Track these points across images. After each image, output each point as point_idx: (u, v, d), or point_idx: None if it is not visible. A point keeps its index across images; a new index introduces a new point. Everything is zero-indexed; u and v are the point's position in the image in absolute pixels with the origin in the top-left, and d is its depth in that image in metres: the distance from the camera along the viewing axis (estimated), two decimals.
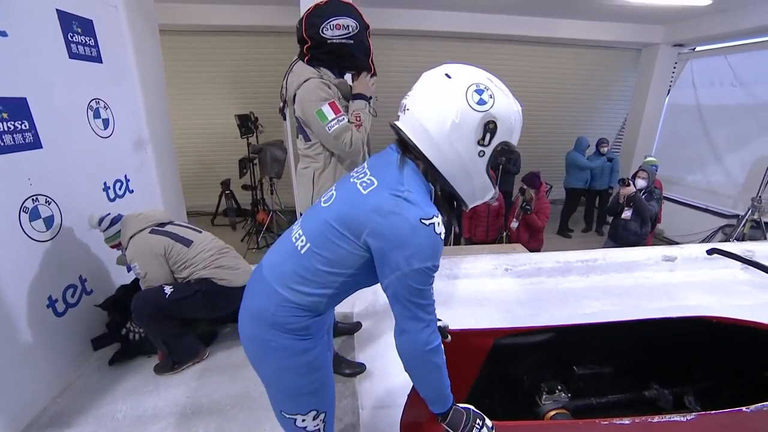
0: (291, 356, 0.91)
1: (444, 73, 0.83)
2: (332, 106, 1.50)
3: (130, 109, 2.45)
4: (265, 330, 0.90)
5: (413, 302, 0.81)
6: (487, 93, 0.80)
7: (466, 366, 1.31)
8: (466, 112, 0.79)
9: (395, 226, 0.78)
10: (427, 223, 0.77)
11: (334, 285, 0.88)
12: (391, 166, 0.86)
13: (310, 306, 0.89)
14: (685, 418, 0.93)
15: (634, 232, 3.67)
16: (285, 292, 0.88)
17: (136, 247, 1.80)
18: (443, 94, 0.80)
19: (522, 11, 5.36)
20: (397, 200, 0.79)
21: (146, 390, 1.79)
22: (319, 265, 0.86)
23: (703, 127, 5.88)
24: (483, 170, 0.86)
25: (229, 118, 5.07)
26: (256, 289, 0.95)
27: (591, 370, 1.46)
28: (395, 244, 0.78)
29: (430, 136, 0.81)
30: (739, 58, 5.40)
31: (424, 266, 0.78)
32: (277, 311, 0.88)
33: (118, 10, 2.37)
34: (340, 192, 0.91)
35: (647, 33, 5.98)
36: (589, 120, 7.28)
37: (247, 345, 0.96)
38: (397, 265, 0.78)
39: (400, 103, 0.88)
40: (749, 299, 2.66)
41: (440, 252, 0.81)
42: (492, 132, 0.81)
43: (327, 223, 0.86)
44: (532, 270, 2.96)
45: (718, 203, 5.48)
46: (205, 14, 4.97)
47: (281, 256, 0.94)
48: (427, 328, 0.84)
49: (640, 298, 2.76)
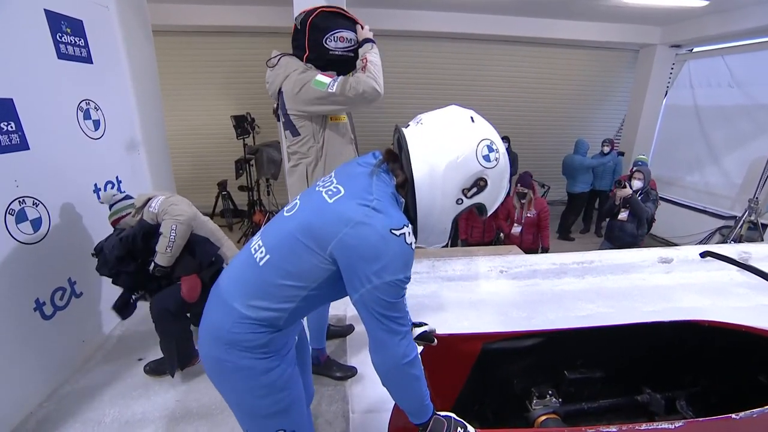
0: (250, 377, 0.85)
1: (470, 116, 0.86)
2: (326, 75, 1.51)
3: (121, 110, 2.43)
4: (221, 350, 0.84)
5: (386, 316, 0.78)
6: (496, 154, 0.82)
7: (453, 371, 1.30)
8: (470, 158, 0.80)
9: (364, 237, 0.75)
10: (398, 234, 0.75)
11: (295, 299, 0.83)
12: (361, 175, 0.84)
13: (269, 321, 0.83)
14: (673, 426, 0.91)
15: (631, 233, 3.65)
16: (241, 308, 0.83)
17: (168, 201, 1.76)
18: (461, 132, 0.82)
19: (518, 12, 5.35)
20: (366, 209, 0.76)
21: (135, 394, 1.78)
22: (280, 279, 0.81)
23: (700, 128, 5.87)
24: (451, 217, 0.86)
25: (226, 119, 5.05)
26: (213, 305, 0.89)
27: (582, 374, 1.45)
28: (364, 256, 0.75)
29: (428, 159, 0.80)
30: (736, 59, 5.40)
31: (395, 279, 0.76)
32: (233, 328, 0.82)
33: (110, 11, 2.35)
34: (304, 201, 0.88)
35: (644, 34, 5.98)
36: (588, 120, 7.27)
37: (206, 364, 0.90)
38: (368, 279, 0.75)
39: (416, 116, 0.88)
40: (745, 301, 2.64)
41: (411, 263, 0.79)
42: (479, 189, 0.83)
43: (290, 234, 0.82)
44: (527, 272, 2.95)
45: (716, 204, 5.46)
46: (201, 15, 4.96)
47: (239, 269, 0.89)
48: (403, 341, 0.81)
49: (635, 300, 2.75)
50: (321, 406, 1.65)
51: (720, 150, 5.60)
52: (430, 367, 1.26)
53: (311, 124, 1.59)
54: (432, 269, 2.88)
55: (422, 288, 2.76)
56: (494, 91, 6.71)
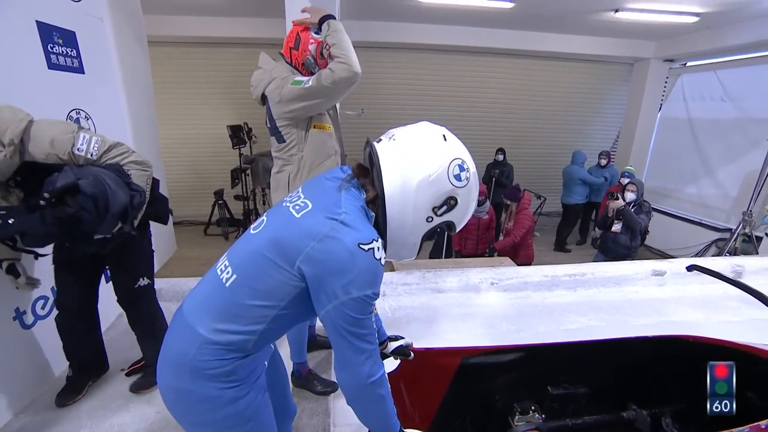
0: (215, 408, 0.80)
1: (443, 134, 0.85)
2: (303, 74, 1.56)
3: (113, 120, 2.44)
4: (184, 379, 0.79)
5: (353, 333, 0.77)
6: (466, 174, 0.83)
7: (432, 386, 1.28)
8: (442, 176, 0.80)
9: (332, 251, 0.73)
10: (366, 248, 0.74)
11: (264, 320, 0.79)
12: (329, 189, 0.83)
13: (236, 346, 0.79)
14: None
15: (624, 245, 3.65)
16: (206, 333, 0.78)
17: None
18: (434, 150, 0.82)
19: (514, 25, 5.43)
20: (334, 223, 0.75)
21: (114, 406, 1.74)
22: (248, 299, 0.78)
23: (695, 141, 5.90)
24: (420, 233, 0.86)
25: (222, 129, 5.09)
26: (175, 332, 0.85)
27: (566, 390, 1.42)
28: (332, 270, 0.73)
29: (401, 176, 0.80)
30: (728, 74, 5.46)
31: (363, 294, 0.74)
32: (198, 355, 0.78)
33: (105, 23, 2.38)
34: (271, 217, 0.86)
35: (639, 48, 6.06)
36: (584, 133, 7.31)
37: (165, 395, 0.85)
38: (335, 294, 0.74)
39: (388, 131, 0.88)
40: (737, 315, 2.62)
41: (381, 278, 0.78)
42: (450, 207, 0.83)
43: (257, 252, 0.80)
44: (518, 284, 2.93)
45: (711, 217, 5.46)
46: (198, 26, 5.05)
47: (203, 292, 0.85)
48: (369, 360, 0.79)
49: (627, 314, 2.73)
50: (302, 420, 1.62)
51: (714, 163, 5.62)
52: (407, 382, 1.24)
53: (296, 130, 1.61)
54: (423, 281, 2.86)
55: (412, 299, 2.74)
56: (490, 104, 6.76)
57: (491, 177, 5.53)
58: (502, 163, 5.61)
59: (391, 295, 2.77)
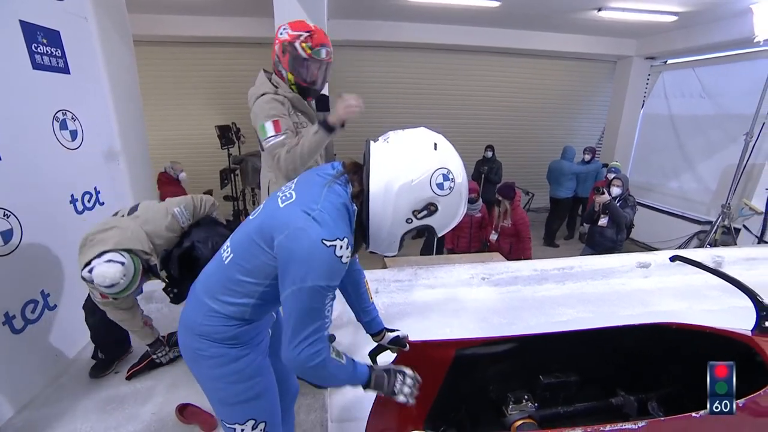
0: (222, 364, 0.93)
1: (434, 141, 0.87)
2: (275, 124, 1.52)
3: (100, 121, 2.41)
4: (195, 339, 0.93)
5: (303, 318, 0.83)
6: (450, 183, 0.85)
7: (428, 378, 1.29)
8: (423, 183, 0.84)
9: (298, 241, 0.80)
10: (328, 245, 0.79)
11: (255, 294, 0.91)
12: (316, 185, 0.88)
13: (235, 315, 0.92)
14: (636, 426, 0.94)
15: (611, 238, 3.74)
16: (211, 303, 0.92)
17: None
18: (422, 157, 0.85)
19: (500, 24, 5.50)
20: (306, 218, 0.82)
21: (109, 408, 1.73)
22: (240, 275, 0.89)
23: (676, 137, 6.07)
24: (399, 233, 0.90)
25: (210, 129, 5.04)
26: (190, 301, 0.99)
27: (557, 378, 1.46)
28: (296, 258, 0.81)
29: (386, 177, 0.84)
30: (706, 71, 5.65)
31: (318, 284, 0.80)
32: (204, 321, 0.92)
33: (89, 22, 2.35)
34: (265, 205, 0.96)
35: (621, 46, 6.20)
36: (570, 129, 7.44)
37: (185, 354, 0.99)
38: (293, 280, 0.81)
39: (387, 133, 0.91)
40: (718, 304, 2.71)
41: (338, 273, 0.83)
42: (429, 213, 0.86)
43: (248, 235, 0.90)
44: (509, 278, 2.98)
45: (693, 210, 5.63)
46: (185, 26, 4.99)
47: (211, 268, 0.99)
48: (310, 347, 0.83)
49: (614, 305, 2.80)
50: (299, 416, 1.63)
51: (695, 157, 5.80)
52: None
53: None
54: (414, 277, 2.89)
55: (404, 296, 2.77)
56: (479, 101, 6.84)
57: (480, 173, 5.59)
58: (491, 159, 5.68)
59: (384, 291, 2.80)
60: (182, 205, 1.73)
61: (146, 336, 1.85)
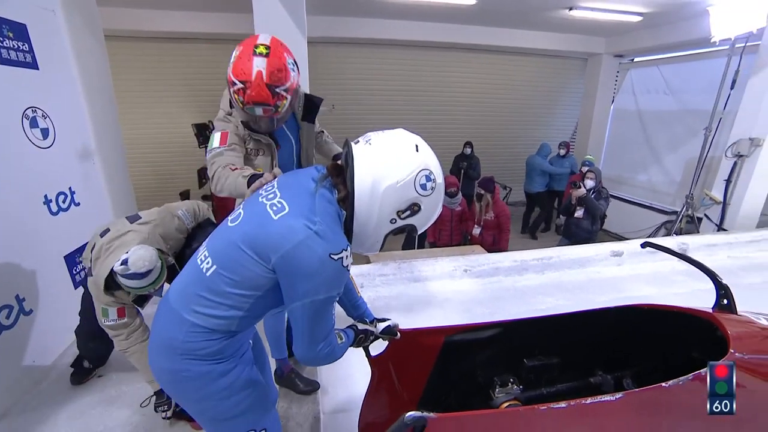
0: (208, 382, 0.88)
1: (415, 143, 0.89)
2: (222, 136, 1.44)
3: (73, 118, 2.33)
4: (176, 361, 0.87)
5: (313, 326, 0.86)
6: (432, 184, 0.88)
7: (418, 364, 1.35)
8: (408, 185, 0.86)
9: (305, 257, 0.80)
10: (336, 258, 0.81)
11: (244, 306, 0.87)
12: (305, 192, 0.87)
13: (219, 328, 0.87)
14: (614, 397, 1.01)
15: (586, 229, 3.90)
16: (192, 318, 0.86)
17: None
18: (405, 159, 0.86)
19: (477, 21, 5.59)
20: (309, 233, 0.80)
21: (95, 412, 1.69)
22: (227, 287, 0.85)
23: (644, 131, 6.37)
24: (383, 233, 0.92)
25: (187, 127, 4.92)
26: (163, 319, 0.91)
27: (540, 361, 1.53)
28: (303, 274, 0.80)
29: (371, 179, 0.85)
30: (669, 69, 5.95)
31: (330, 295, 0.84)
32: (187, 338, 0.86)
33: (57, 15, 2.26)
34: (248, 211, 0.91)
35: (591, 44, 6.43)
36: (545, 124, 7.66)
37: (161, 378, 0.93)
38: (305, 294, 0.82)
39: (366, 134, 0.92)
40: (684, 287, 2.89)
41: (345, 280, 0.87)
42: (413, 213, 0.89)
43: (234, 245, 0.85)
44: (490, 270, 3.07)
45: (660, 201, 5.93)
46: (158, 20, 4.83)
47: (186, 280, 0.92)
48: (321, 343, 0.90)
49: (590, 292, 2.93)
50: (291, 409, 1.65)
51: (661, 151, 6.10)
52: (395, 363, 1.31)
53: None
54: (398, 271, 2.94)
55: (389, 289, 2.81)
56: (457, 97, 6.94)
57: (460, 169, 5.69)
58: (470, 156, 5.78)
59: (369, 286, 2.83)
60: (183, 208, 1.77)
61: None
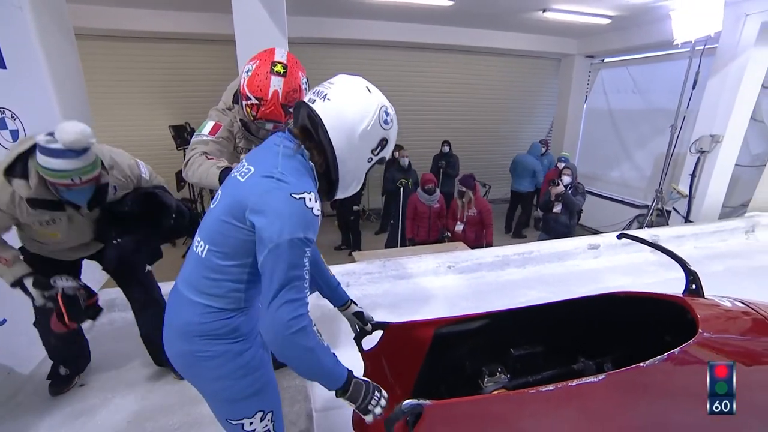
0: (227, 361, 0.93)
1: (365, 86, 0.94)
2: (214, 127, 1.48)
3: (44, 119, 2.22)
4: (195, 342, 0.92)
5: (282, 276, 0.80)
6: (390, 117, 0.95)
7: (410, 357, 1.37)
8: (375, 125, 0.92)
9: (268, 201, 0.83)
10: (297, 197, 0.83)
11: (243, 278, 0.91)
12: (270, 155, 0.91)
13: (230, 305, 0.92)
14: (597, 379, 1.06)
15: (564, 224, 4.03)
16: (203, 299, 0.91)
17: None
18: (364, 103, 0.91)
19: (453, 22, 5.69)
20: (270, 180, 0.85)
21: (78, 423, 1.64)
22: (221, 261, 0.89)
23: (615, 129, 6.65)
24: (364, 171, 0.98)
25: (163, 130, 4.80)
26: (175, 306, 0.97)
27: (526, 350, 1.59)
28: (269, 217, 0.82)
29: (344, 132, 0.89)
30: (637, 70, 6.25)
31: (295, 236, 0.80)
32: (202, 320, 0.91)
33: (24, 12, 2.17)
34: (224, 190, 0.96)
35: (564, 45, 6.64)
36: (521, 123, 7.86)
37: (178, 362, 0.97)
38: (270, 238, 0.81)
39: (315, 89, 0.93)
40: (656, 277, 3.04)
41: (313, 225, 0.85)
42: (382, 147, 0.96)
43: (218, 220, 0.89)
44: (473, 266, 3.14)
45: (632, 195, 6.19)
46: (129, 19, 4.68)
47: (189, 268, 0.97)
48: (289, 305, 0.80)
49: (570, 284, 3.04)
50: (283, 407, 1.62)
51: (631, 148, 6.39)
52: (387, 357, 1.33)
53: None
54: (384, 269, 2.96)
55: (375, 287, 2.84)
56: (435, 98, 7.03)
57: (438, 168, 5.76)
58: (449, 154, 5.84)
59: (355, 284, 2.84)
60: (144, 165, 1.69)
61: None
